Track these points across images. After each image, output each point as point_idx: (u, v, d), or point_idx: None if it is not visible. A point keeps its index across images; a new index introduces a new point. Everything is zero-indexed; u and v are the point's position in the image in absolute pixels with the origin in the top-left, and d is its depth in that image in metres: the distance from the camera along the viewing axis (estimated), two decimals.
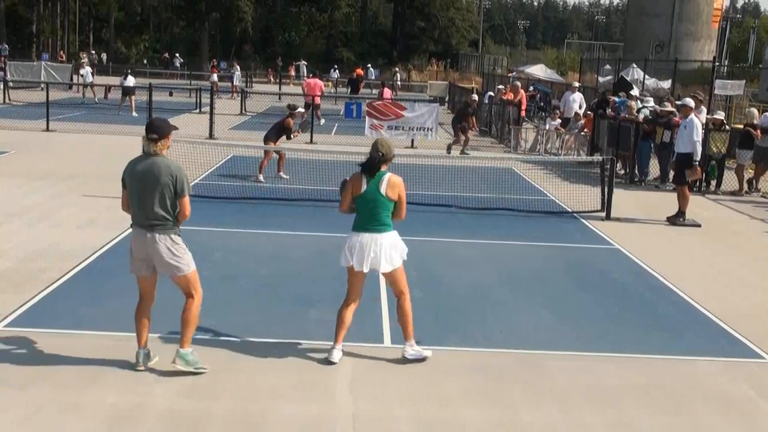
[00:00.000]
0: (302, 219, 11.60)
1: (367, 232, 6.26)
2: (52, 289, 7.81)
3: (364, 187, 6.26)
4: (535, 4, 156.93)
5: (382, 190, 6.23)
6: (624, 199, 14.07)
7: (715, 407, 5.88)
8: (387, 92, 29.20)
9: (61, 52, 56.78)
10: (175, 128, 5.99)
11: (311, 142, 21.13)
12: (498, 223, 12.03)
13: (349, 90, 37.89)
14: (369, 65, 54.98)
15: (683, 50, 48.11)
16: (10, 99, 29.81)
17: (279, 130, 14.99)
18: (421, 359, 6.36)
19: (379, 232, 6.24)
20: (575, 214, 12.96)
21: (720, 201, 15.29)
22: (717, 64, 21.77)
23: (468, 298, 8.20)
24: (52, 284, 7.94)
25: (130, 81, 27.92)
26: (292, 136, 15.26)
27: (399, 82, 48.83)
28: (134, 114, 26.48)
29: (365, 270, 6.22)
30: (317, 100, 27.10)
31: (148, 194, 5.76)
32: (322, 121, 26.76)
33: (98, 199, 12.29)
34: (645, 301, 8.45)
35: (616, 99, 19.06)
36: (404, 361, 6.38)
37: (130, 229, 6.12)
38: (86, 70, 32.96)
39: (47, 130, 21.14)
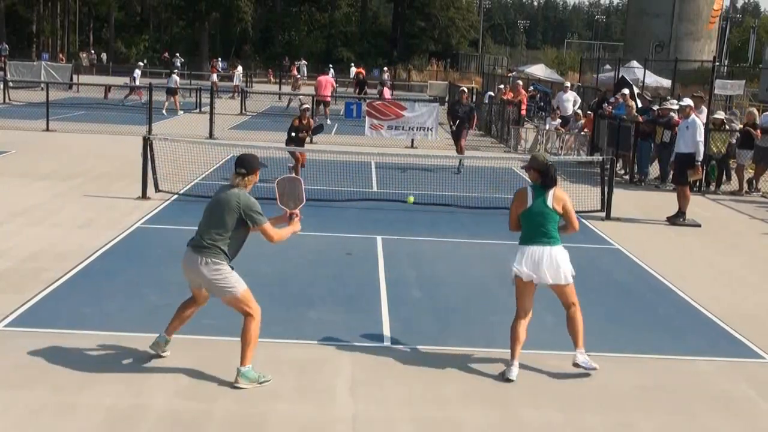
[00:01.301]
0: (302, 219, 11.57)
1: (537, 245, 6.25)
2: (52, 289, 7.80)
3: (530, 201, 6.32)
4: (535, 4, 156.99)
5: (549, 204, 6.30)
6: (624, 199, 14.06)
7: (715, 407, 5.88)
8: (387, 92, 29.19)
9: (61, 55, 56.69)
10: (264, 165, 6.11)
11: (311, 142, 21.11)
12: (498, 223, 11.99)
13: (357, 90, 37.90)
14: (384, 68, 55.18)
15: (683, 50, 48.11)
16: (10, 99, 29.81)
17: (290, 133, 14.77)
18: (590, 369, 6.25)
19: (550, 245, 6.26)
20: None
21: (720, 201, 15.29)
22: (717, 64, 21.76)
23: (468, 298, 8.20)
24: (52, 284, 7.94)
25: (173, 81, 28.47)
26: (300, 136, 14.86)
27: (389, 82, 48.87)
28: (180, 112, 27.71)
29: (548, 282, 6.22)
30: (327, 99, 26.94)
31: (211, 217, 5.95)
32: (328, 121, 26.28)
33: (98, 199, 12.29)
34: (645, 302, 8.45)
35: (613, 111, 18.97)
36: (406, 361, 6.37)
37: (130, 230, 6.11)
38: (137, 73, 32.58)
39: (47, 130, 21.14)
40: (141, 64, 34.10)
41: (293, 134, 14.67)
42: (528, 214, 6.32)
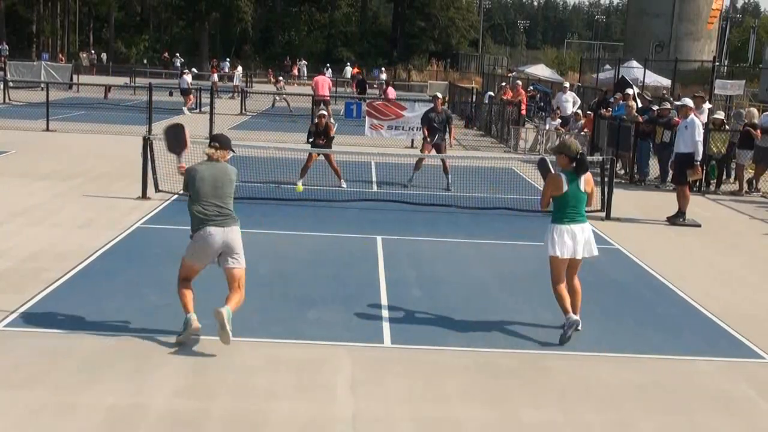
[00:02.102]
0: (302, 219, 11.60)
1: (574, 223, 7.01)
2: (52, 289, 7.80)
3: (566, 187, 6.96)
4: (535, 4, 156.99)
5: (582, 188, 7.03)
6: (624, 199, 14.07)
7: (714, 407, 5.88)
8: (392, 92, 29.11)
9: (61, 56, 56.67)
10: (233, 152, 7.19)
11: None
12: (498, 223, 12.03)
13: (358, 90, 37.91)
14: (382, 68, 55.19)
15: (683, 50, 48.14)
16: (10, 99, 29.81)
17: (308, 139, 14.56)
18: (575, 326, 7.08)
19: (584, 222, 7.10)
20: None
21: (720, 201, 15.29)
22: (717, 64, 21.77)
23: (468, 298, 8.21)
24: (52, 284, 7.94)
25: (186, 81, 28.55)
26: (318, 142, 14.43)
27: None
28: (186, 113, 27.72)
29: (579, 257, 7.03)
30: (327, 98, 26.82)
31: (217, 190, 6.58)
32: (332, 120, 26.19)
33: (98, 199, 12.30)
34: (645, 301, 8.45)
35: (613, 112, 18.99)
36: (406, 360, 6.38)
37: (130, 230, 6.13)
38: (186, 78, 32.11)
39: (47, 130, 21.15)
40: (193, 70, 32.28)
41: (311, 140, 14.55)
42: (565, 198, 6.98)
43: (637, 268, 9.86)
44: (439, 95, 15.78)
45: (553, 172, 7.22)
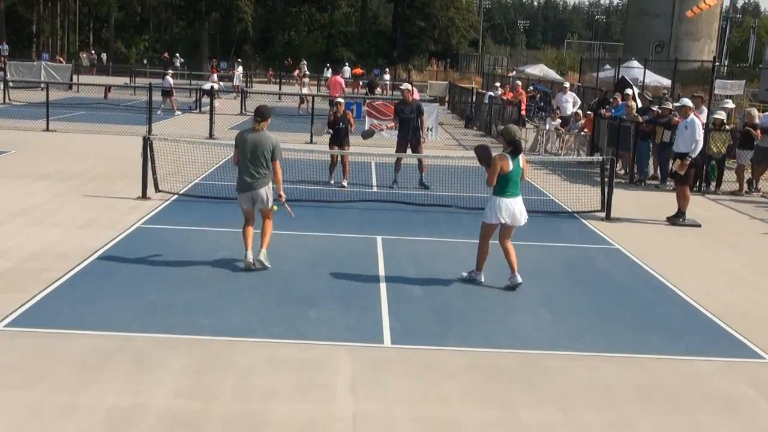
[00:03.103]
0: (302, 219, 11.59)
1: (515, 196, 8.44)
2: (52, 289, 7.80)
3: (511, 166, 8.35)
4: (535, 4, 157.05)
5: (521, 165, 8.49)
6: (624, 199, 14.07)
7: (714, 407, 5.88)
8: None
9: (59, 58, 56.59)
10: (275, 113, 9.51)
11: (311, 141, 21.12)
12: None
13: (367, 91, 37.94)
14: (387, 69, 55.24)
15: (683, 50, 48.18)
16: (10, 99, 29.81)
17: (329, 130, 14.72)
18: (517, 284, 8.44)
19: (519, 196, 8.51)
20: (575, 214, 12.96)
21: (720, 201, 15.29)
22: (717, 64, 21.77)
23: (468, 298, 8.21)
24: (52, 284, 7.94)
25: (168, 81, 28.47)
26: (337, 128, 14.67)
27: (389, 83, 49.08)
28: (177, 112, 27.85)
29: (519, 224, 8.52)
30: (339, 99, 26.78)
31: (255, 158, 8.68)
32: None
33: (98, 199, 12.30)
34: (645, 301, 8.45)
35: (612, 110, 18.99)
36: (406, 360, 6.39)
37: (130, 230, 6.14)
38: (169, 79, 31.85)
39: (47, 130, 21.14)
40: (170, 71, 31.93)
41: (331, 131, 14.69)
42: (509, 174, 8.37)
43: (637, 268, 9.86)
44: (409, 87, 15.35)
45: (494, 155, 8.47)
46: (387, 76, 52.57)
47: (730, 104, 18.57)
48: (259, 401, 5.58)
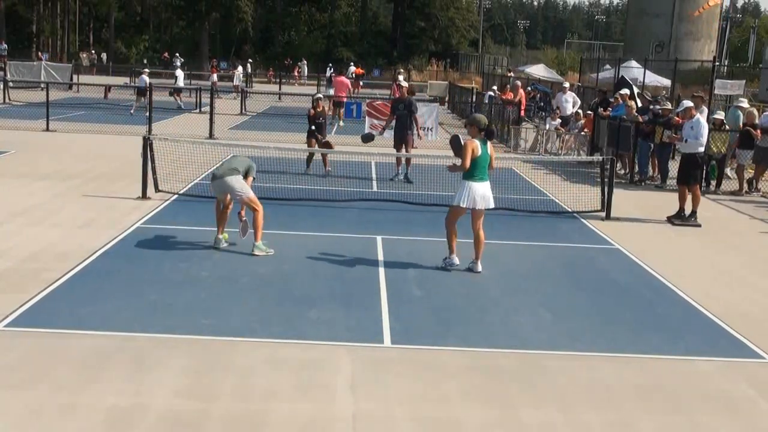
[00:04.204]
0: (302, 219, 11.60)
1: (483, 181, 8.95)
2: (52, 289, 7.80)
3: (479, 151, 8.83)
4: (535, 4, 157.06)
5: (489, 151, 8.98)
6: (624, 199, 14.07)
7: (714, 407, 5.88)
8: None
9: (40, 54, 56.49)
10: None
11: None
12: (498, 223, 12.01)
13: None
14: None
15: (683, 50, 48.18)
16: (10, 99, 29.81)
17: (309, 126, 15.50)
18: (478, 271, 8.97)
19: (487, 180, 9.02)
20: (575, 214, 12.96)
21: (720, 201, 15.29)
22: (717, 64, 21.77)
23: (468, 298, 8.21)
24: (52, 284, 7.94)
25: (144, 80, 28.23)
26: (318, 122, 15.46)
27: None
28: (132, 113, 26.79)
29: (489, 207, 9.02)
30: (342, 100, 26.70)
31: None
32: (341, 122, 25.47)
33: (98, 199, 12.30)
34: (645, 301, 8.45)
35: (612, 112, 18.97)
36: (406, 360, 6.39)
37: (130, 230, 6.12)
38: (144, 78, 31.54)
39: (47, 130, 21.14)
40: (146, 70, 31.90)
41: (312, 127, 15.16)
42: (480, 159, 8.85)
43: (637, 268, 9.86)
44: (405, 84, 15.53)
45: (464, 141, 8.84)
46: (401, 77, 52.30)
47: (745, 103, 18.49)
48: (259, 401, 5.58)
